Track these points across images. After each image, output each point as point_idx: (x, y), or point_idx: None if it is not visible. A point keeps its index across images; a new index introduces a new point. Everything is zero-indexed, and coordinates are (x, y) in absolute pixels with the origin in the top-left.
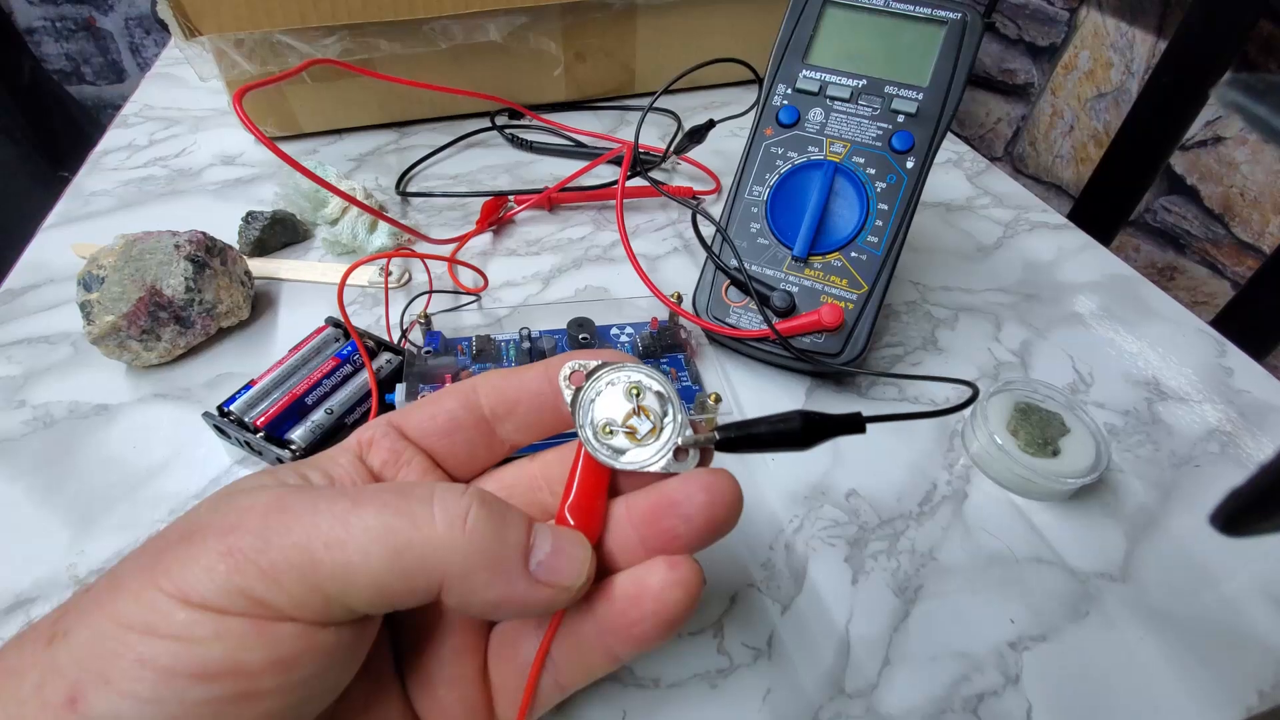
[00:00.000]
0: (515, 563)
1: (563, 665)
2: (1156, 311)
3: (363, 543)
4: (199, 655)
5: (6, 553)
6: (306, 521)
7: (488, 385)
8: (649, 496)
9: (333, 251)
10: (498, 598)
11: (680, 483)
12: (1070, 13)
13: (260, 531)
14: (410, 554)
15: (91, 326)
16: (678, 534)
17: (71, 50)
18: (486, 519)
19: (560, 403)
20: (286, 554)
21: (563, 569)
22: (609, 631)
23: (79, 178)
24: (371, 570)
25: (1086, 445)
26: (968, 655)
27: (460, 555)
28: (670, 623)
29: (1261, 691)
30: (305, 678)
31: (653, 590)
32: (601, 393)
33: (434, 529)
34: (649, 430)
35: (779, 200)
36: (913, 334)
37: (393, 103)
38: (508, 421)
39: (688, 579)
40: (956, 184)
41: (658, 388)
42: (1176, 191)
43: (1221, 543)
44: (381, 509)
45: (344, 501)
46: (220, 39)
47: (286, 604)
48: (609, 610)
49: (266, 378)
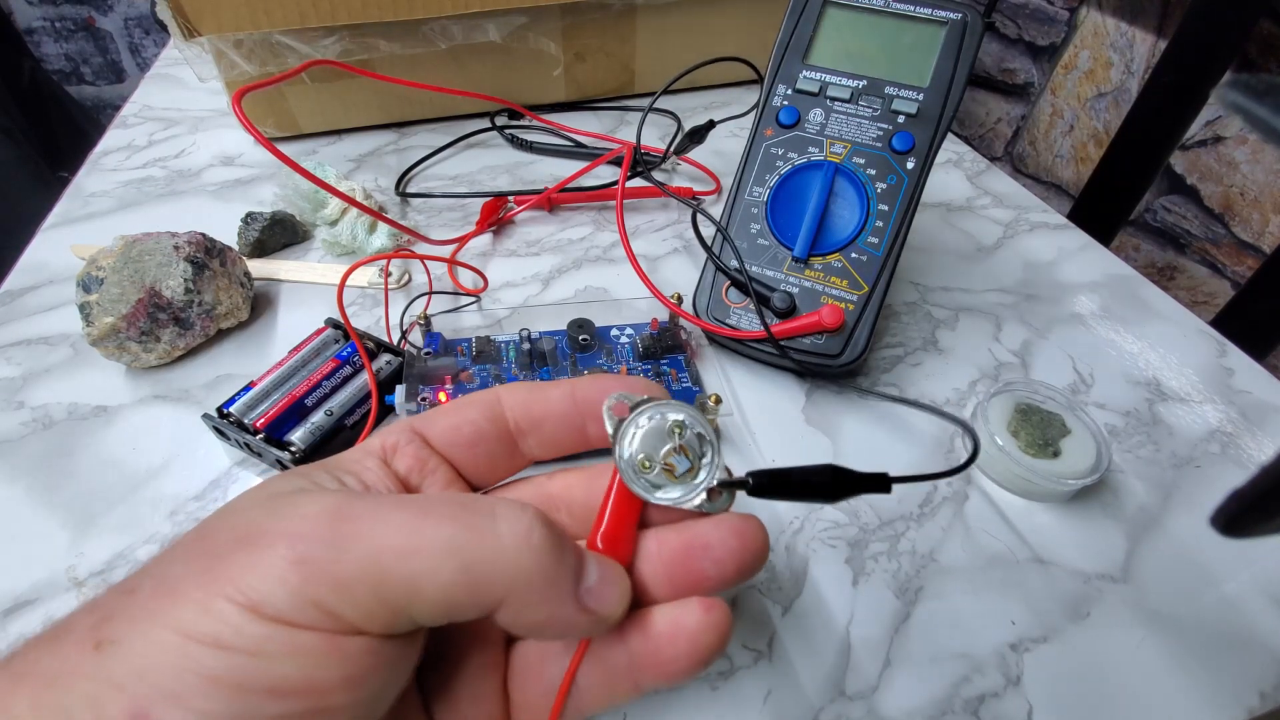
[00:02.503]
0: (569, 587)
1: (586, 690)
2: (1157, 311)
3: (434, 555)
4: (273, 672)
5: (5, 554)
6: (376, 531)
7: (513, 399)
8: (681, 535)
9: (332, 252)
10: (545, 618)
11: (713, 526)
12: (1070, 12)
13: (331, 540)
14: (479, 569)
15: (91, 328)
16: (707, 576)
17: (71, 50)
18: (549, 539)
19: (584, 425)
20: (360, 564)
21: (607, 598)
22: (640, 665)
23: (78, 178)
24: (440, 583)
25: (1087, 446)
26: (968, 656)
27: (525, 574)
28: (702, 663)
29: (1263, 692)
30: (372, 693)
31: (689, 631)
32: (643, 427)
33: (502, 545)
34: (687, 470)
35: (779, 201)
36: (913, 334)
37: (392, 103)
38: (531, 437)
39: (721, 623)
40: (956, 184)
41: (699, 429)
42: (1176, 191)
43: (1222, 544)
44: (449, 521)
45: (410, 511)
46: (219, 39)
47: (357, 617)
48: (643, 645)
49: (266, 379)
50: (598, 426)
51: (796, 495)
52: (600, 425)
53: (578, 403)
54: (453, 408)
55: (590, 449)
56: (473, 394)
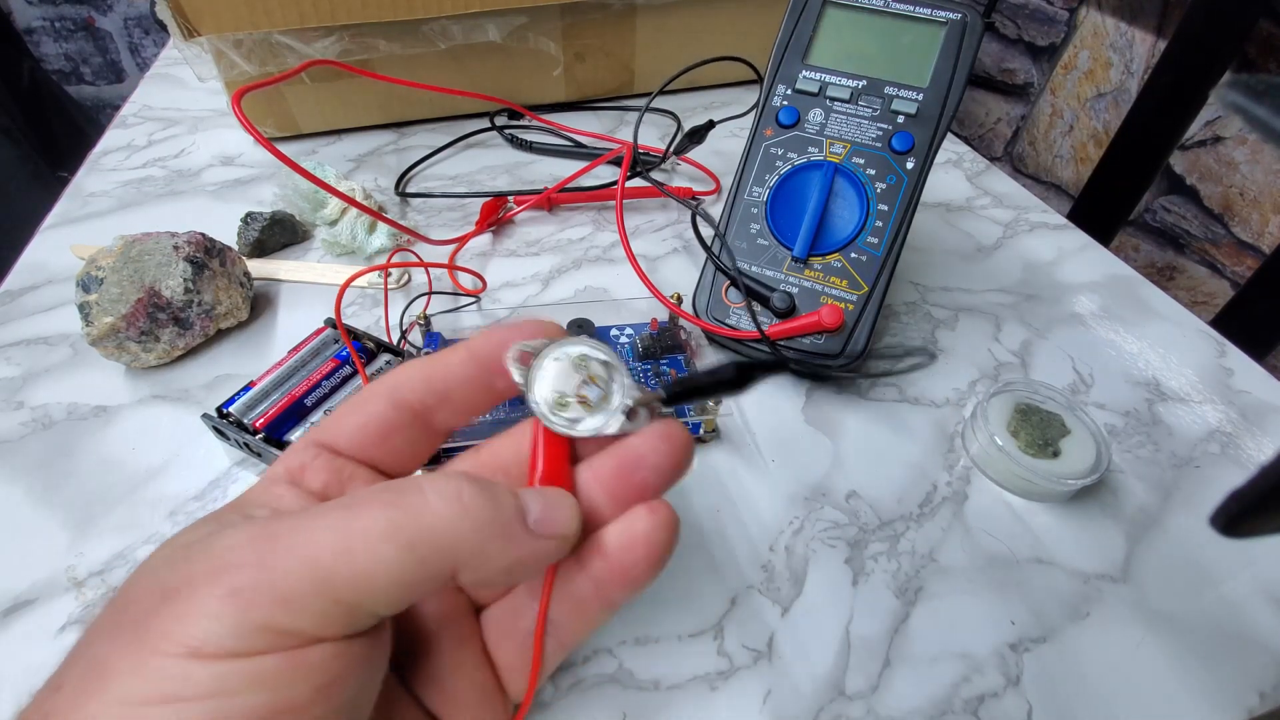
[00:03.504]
0: (517, 524)
1: (563, 624)
2: (1156, 311)
3: (373, 544)
4: (241, 706)
5: (5, 554)
6: (304, 540)
7: (411, 379)
8: (613, 456)
9: (332, 252)
10: (510, 560)
11: (641, 439)
12: (1070, 12)
13: (259, 563)
14: (422, 543)
15: (90, 328)
16: (647, 483)
17: (71, 50)
18: (480, 492)
19: (491, 382)
20: (299, 575)
21: (557, 519)
22: (606, 582)
23: (78, 178)
24: (389, 569)
25: (1087, 446)
26: (968, 657)
27: (469, 531)
28: (661, 560)
29: (1262, 693)
30: (349, 697)
31: (642, 534)
32: (550, 369)
33: (437, 514)
34: (600, 397)
35: (779, 201)
36: (913, 334)
37: (392, 103)
38: (441, 410)
39: (669, 519)
40: (956, 184)
41: (603, 357)
42: (1176, 191)
43: (1222, 544)
44: (379, 508)
45: (335, 512)
46: (219, 39)
47: (312, 625)
48: (603, 564)
49: (266, 379)
50: (505, 380)
51: (707, 394)
52: (507, 378)
53: (480, 362)
54: (351, 407)
55: (503, 401)
56: (368, 386)
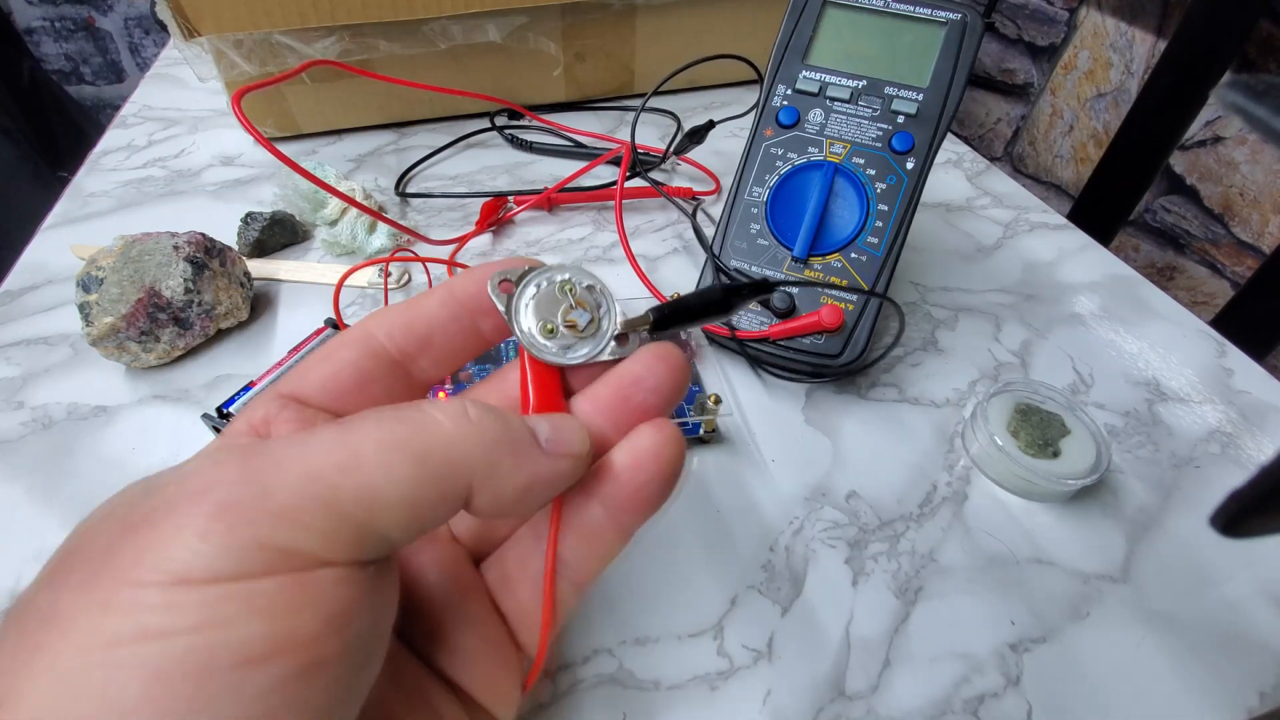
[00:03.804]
0: (530, 442)
1: (575, 561)
2: (1156, 311)
3: (381, 457)
4: (238, 637)
5: (5, 554)
6: (303, 454)
7: (387, 325)
8: (609, 383)
9: (332, 252)
10: (526, 480)
11: (636, 362)
12: (1070, 12)
13: (250, 479)
14: (434, 457)
15: (90, 328)
16: (649, 405)
17: (71, 50)
18: (488, 411)
19: (475, 324)
20: (299, 489)
21: (569, 439)
22: (618, 507)
23: (78, 178)
24: (400, 484)
25: (1087, 446)
26: (968, 657)
27: (482, 447)
28: (673, 477)
29: (1262, 693)
30: (360, 636)
31: (650, 450)
32: (534, 297)
33: (447, 429)
34: (589, 322)
35: (779, 201)
36: (913, 334)
37: (392, 103)
38: (422, 358)
39: (674, 434)
40: (956, 184)
41: (588, 281)
42: (1176, 191)
43: (1222, 544)
44: (384, 423)
45: (332, 430)
46: (219, 40)
47: (317, 544)
48: (614, 487)
49: (266, 379)
50: (490, 320)
51: (696, 319)
52: (492, 319)
53: (462, 302)
54: (322, 355)
55: (489, 347)
56: (339, 335)
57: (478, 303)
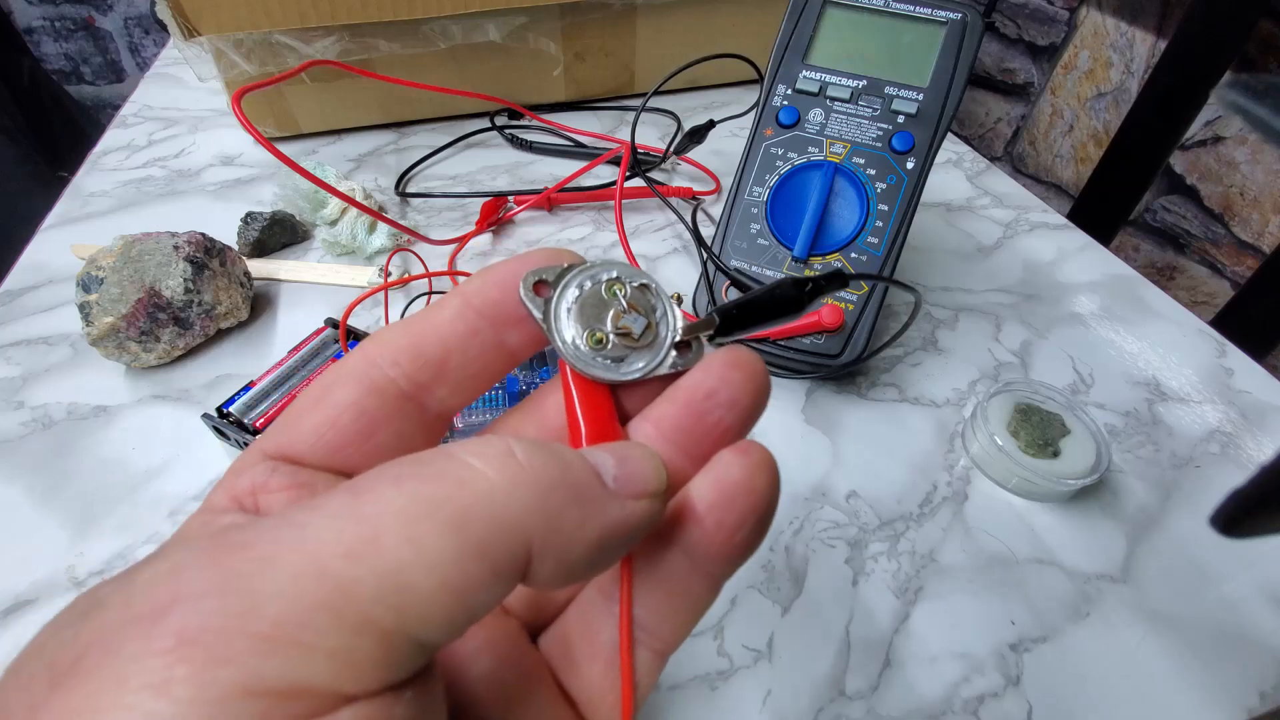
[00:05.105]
0: (595, 483)
1: (655, 625)
2: (1156, 311)
3: (407, 531)
4: None
5: (5, 554)
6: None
7: (391, 350)
8: (674, 401)
9: (332, 252)
10: (597, 533)
11: (704, 373)
12: (1070, 12)
13: (226, 588)
14: (478, 521)
15: (90, 328)
16: (727, 423)
17: (71, 50)
18: (538, 449)
19: (500, 337)
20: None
21: (642, 473)
22: (705, 554)
23: (78, 178)
24: (436, 566)
25: (1087, 446)
26: (968, 656)
27: (536, 497)
28: (768, 514)
29: (1262, 692)
30: None
31: (739, 482)
32: (576, 300)
33: (489, 480)
34: (645, 328)
35: (779, 201)
36: (913, 334)
37: (392, 103)
38: (439, 386)
39: (765, 458)
40: (956, 184)
41: (640, 280)
42: (1176, 191)
43: (1222, 544)
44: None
45: (337, 499)
46: (219, 39)
47: (330, 674)
48: (698, 530)
49: (266, 379)
50: (519, 332)
51: (766, 319)
52: (520, 330)
53: (481, 312)
54: (315, 397)
55: (517, 365)
56: (333, 368)
57: (500, 311)
